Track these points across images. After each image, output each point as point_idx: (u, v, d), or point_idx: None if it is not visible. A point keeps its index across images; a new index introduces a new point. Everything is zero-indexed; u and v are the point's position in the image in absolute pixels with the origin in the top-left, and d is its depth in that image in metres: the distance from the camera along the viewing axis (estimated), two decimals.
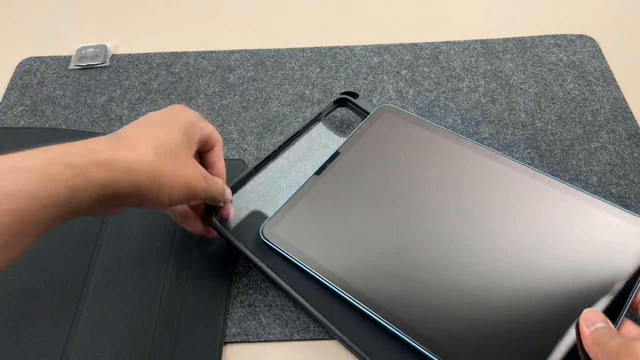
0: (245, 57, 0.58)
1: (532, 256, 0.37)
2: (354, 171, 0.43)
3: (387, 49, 0.58)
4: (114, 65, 0.58)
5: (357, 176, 0.43)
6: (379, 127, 0.46)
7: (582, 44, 0.58)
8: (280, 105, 0.54)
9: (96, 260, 0.42)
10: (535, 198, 0.40)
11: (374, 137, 0.45)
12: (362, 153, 0.44)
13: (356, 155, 0.44)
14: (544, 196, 0.40)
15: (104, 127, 0.52)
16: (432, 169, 0.43)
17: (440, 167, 0.43)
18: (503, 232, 0.39)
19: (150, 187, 0.31)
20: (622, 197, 0.46)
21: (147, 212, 0.44)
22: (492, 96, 0.54)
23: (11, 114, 0.53)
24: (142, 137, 0.32)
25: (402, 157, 0.44)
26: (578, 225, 0.38)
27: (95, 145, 0.30)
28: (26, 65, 0.58)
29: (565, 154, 0.49)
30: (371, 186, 0.42)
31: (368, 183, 0.42)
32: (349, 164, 0.44)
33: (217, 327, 0.39)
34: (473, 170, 0.42)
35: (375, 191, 0.42)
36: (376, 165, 0.44)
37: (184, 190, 0.33)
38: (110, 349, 0.37)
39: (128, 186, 0.30)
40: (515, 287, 0.36)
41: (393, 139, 0.45)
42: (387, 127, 0.46)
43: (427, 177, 0.42)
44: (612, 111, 0.52)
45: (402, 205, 0.41)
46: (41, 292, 0.40)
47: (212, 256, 0.42)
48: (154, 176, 0.31)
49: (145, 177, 0.31)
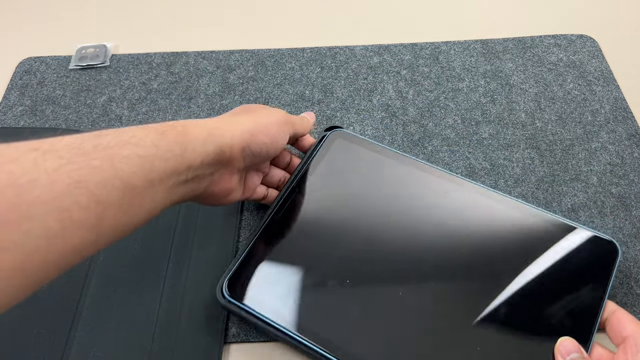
0: (245, 57, 0.58)
1: (493, 284, 0.37)
2: (314, 206, 0.42)
3: (387, 49, 0.58)
4: (114, 65, 0.58)
5: (312, 212, 0.42)
6: (332, 157, 0.45)
7: (582, 44, 0.58)
8: (280, 105, 0.53)
9: (96, 260, 0.42)
10: (489, 219, 0.40)
11: (328, 166, 0.44)
12: (320, 184, 0.43)
13: (314, 188, 0.43)
14: (499, 217, 0.40)
15: (104, 127, 0.52)
16: (393, 197, 0.42)
17: (400, 196, 0.42)
18: (457, 260, 0.38)
19: (255, 130, 0.36)
20: (622, 197, 0.46)
21: None
22: (492, 96, 0.54)
23: (11, 114, 0.53)
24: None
25: (354, 187, 0.43)
26: (539, 248, 0.38)
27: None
28: (26, 65, 0.58)
29: (565, 154, 0.49)
30: (324, 222, 0.41)
31: (322, 218, 0.41)
32: (308, 199, 0.42)
33: (217, 326, 0.39)
34: (424, 195, 0.42)
35: (328, 227, 0.41)
36: (336, 196, 0.42)
37: (282, 126, 0.39)
38: (110, 348, 0.37)
39: (229, 139, 0.34)
40: (478, 319, 0.35)
41: (344, 166, 0.44)
42: (338, 154, 0.45)
43: (387, 205, 0.42)
44: (612, 111, 0.52)
45: (357, 238, 0.40)
46: (41, 292, 0.40)
47: (212, 255, 0.42)
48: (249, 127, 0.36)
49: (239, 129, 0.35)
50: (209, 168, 0.33)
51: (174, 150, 0.30)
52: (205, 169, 0.33)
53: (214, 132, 0.33)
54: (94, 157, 0.26)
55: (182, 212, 0.45)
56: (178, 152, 0.30)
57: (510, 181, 0.47)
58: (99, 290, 0.40)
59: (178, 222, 0.44)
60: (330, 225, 0.41)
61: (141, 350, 0.37)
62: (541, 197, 0.46)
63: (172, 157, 0.30)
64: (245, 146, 0.35)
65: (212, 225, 0.44)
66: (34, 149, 0.25)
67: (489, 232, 0.39)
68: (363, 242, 0.40)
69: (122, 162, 0.27)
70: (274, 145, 0.38)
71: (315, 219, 0.41)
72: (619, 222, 0.45)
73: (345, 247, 0.40)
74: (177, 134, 0.31)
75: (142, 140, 0.29)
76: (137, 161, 0.28)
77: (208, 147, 0.32)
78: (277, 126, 0.38)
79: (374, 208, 0.41)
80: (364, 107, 0.53)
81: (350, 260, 0.39)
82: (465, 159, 0.49)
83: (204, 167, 0.33)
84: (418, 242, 0.39)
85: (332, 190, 0.43)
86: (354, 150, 0.45)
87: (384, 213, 0.41)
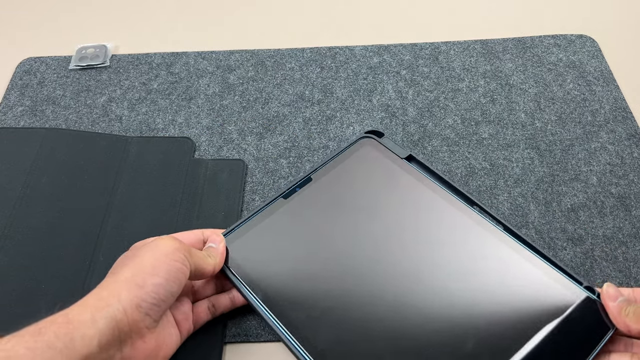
0: (245, 57, 0.58)
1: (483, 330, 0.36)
2: (320, 203, 0.42)
3: (387, 49, 0.58)
4: (114, 66, 0.58)
5: (322, 209, 0.42)
6: (356, 161, 0.45)
7: (582, 44, 0.58)
8: (280, 106, 0.54)
9: (96, 260, 0.42)
10: (496, 271, 0.38)
11: (348, 169, 0.44)
12: (333, 185, 0.43)
13: (327, 186, 0.43)
14: (507, 270, 0.38)
15: (104, 127, 0.52)
16: (398, 217, 0.41)
17: (406, 217, 0.41)
18: (453, 289, 0.37)
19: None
20: (622, 197, 0.46)
21: (146, 212, 0.44)
22: (491, 96, 0.54)
23: (11, 114, 0.53)
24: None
25: (371, 198, 0.43)
26: (541, 308, 0.36)
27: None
28: (26, 65, 0.58)
29: (565, 154, 0.49)
30: (332, 222, 0.41)
31: (330, 218, 0.41)
32: (318, 193, 0.43)
33: (217, 323, 0.39)
34: (436, 222, 0.41)
35: (335, 229, 0.41)
36: (344, 201, 0.42)
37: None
38: None
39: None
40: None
41: (366, 175, 0.44)
42: (363, 162, 0.45)
43: (389, 224, 0.41)
44: (611, 111, 0.52)
45: (358, 248, 0.40)
46: (41, 292, 0.40)
47: None
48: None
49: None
50: (112, 346, 0.30)
51: (55, 346, 0.27)
52: (108, 350, 0.29)
53: (99, 305, 0.30)
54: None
55: (181, 211, 0.45)
56: (61, 346, 0.27)
57: (510, 181, 0.47)
58: None
59: (178, 220, 0.44)
60: (328, 227, 0.41)
61: None
62: (541, 197, 0.46)
63: (55, 354, 0.27)
64: (140, 301, 0.31)
65: (212, 224, 0.44)
66: None
67: (492, 286, 0.37)
68: (355, 253, 0.39)
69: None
70: (172, 282, 0.32)
71: (317, 214, 0.42)
72: (618, 222, 0.45)
73: (336, 252, 0.40)
74: (58, 327, 0.28)
75: (12, 351, 0.26)
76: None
77: (99, 324, 0.29)
78: (166, 258, 0.32)
79: (374, 224, 0.41)
80: (364, 107, 0.53)
81: (338, 266, 0.39)
82: (465, 159, 0.49)
83: (105, 347, 0.29)
84: (409, 272, 0.38)
85: (342, 194, 0.43)
86: (379, 161, 0.45)
87: (383, 233, 0.41)
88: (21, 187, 0.46)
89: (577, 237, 0.44)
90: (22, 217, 0.44)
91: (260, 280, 0.38)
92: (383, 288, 0.38)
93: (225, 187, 0.46)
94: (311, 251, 0.40)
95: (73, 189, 0.46)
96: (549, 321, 0.35)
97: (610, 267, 0.42)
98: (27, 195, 0.45)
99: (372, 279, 0.38)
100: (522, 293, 0.37)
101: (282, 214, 0.42)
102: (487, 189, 0.47)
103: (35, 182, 0.46)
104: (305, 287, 0.38)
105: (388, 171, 0.44)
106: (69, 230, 0.43)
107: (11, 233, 0.43)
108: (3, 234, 0.43)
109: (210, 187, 0.47)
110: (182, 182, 0.47)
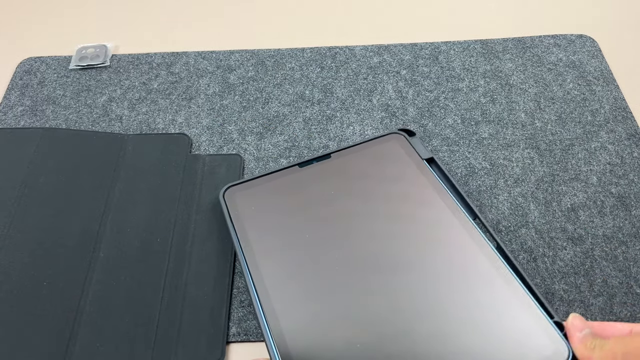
0: (245, 57, 0.58)
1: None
2: (331, 181, 0.43)
3: (387, 49, 0.58)
4: (114, 65, 0.58)
5: (330, 187, 0.43)
6: (378, 152, 0.45)
7: (582, 44, 0.58)
8: (280, 105, 0.54)
9: (97, 257, 0.42)
10: (474, 282, 0.37)
11: (367, 158, 0.45)
12: (348, 168, 0.44)
13: (342, 167, 0.44)
14: (485, 284, 0.37)
15: (104, 127, 0.52)
16: (397, 217, 0.41)
17: (405, 217, 0.41)
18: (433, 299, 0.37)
19: None
20: (622, 197, 0.46)
21: (144, 208, 0.45)
22: (491, 96, 0.54)
23: (11, 114, 0.53)
24: None
25: (378, 191, 0.43)
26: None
27: None
28: (26, 65, 0.58)
29: (565, 153, 0.49)
30: (334, 203, 0.42)
31: (334, 198, 0.42)
32: (332, 172, 0.44)
33: (219, 320, 0.39)
34: (432, 229, 0.40)
35: (335, 209, 0.41)
36: (351, 186, 0.43)
37: None
38: (113, 343, 0.38)
39: None
40: None
41: (382, 167, 0.44)
42: (384, 154, 0.45)
43: (385, 220, 0.41)
44: (611, 111, 0.52)
45: (351, 234, 0.40)
46: (43, 290, 0.40)
47: (212, 251, 0.43)
48: None
49: None
50: None
51: None
52: None
53: None
54: None
55: (180, 206, 0.45)
56: None
57: (510, 181, 0.47)
58: (101, 286, 0.40)
59: (177, 219, 0.44)
60: (329, 206, 0.42)
61: (145, 343, 0.38)
62: (541, 196, 0.46)
63: None
64: None
65: (213, 221, 0.44)
66: None
67: (463, 312, 0.36)
68: (346, 238, 0.40)
69: None
70: None
71: (324, 190, 0.43)
72: (618, 222, 0.45)
73: (329, 232, 0.40)
74: None
75: None
76: None
77: None
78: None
79: (372, 217, 0.41)
80: (364, 107, 0.53)
81: (328, 246, 0.39)
82: (465, 158, 0.49)
83: None
84: (389, 272, 0.38)
85: (353, 179, 0.44)
86: (399, 158, 0.45)
87: (378, 226, 0.40)
88: (19, 187, 0.46)
89: (577, 237, 0.44)
90: (22, 217, 0.44)
91: (252, 231, 0.40)
92: (360, 279, 0.38)
93: (223, 182, 0.46)
94: (308, 223, 0.41)
95: (71, 187, 0.46)
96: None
97: (610, 267, 0.42)
98: (25, 195, 0.45)
99: (354, 268, 0.38)
100: (489, 319, 0.35)
101: (292, 180, 0.44)
102: (487, 189, 0.47)
103: (34, 182, 0.46)
104: (292, 255, 0.39)
105: (404, 169, 0.44)
106: (68, 229, 0.43)
107: (11, 232, 0.43)
108: (2, 233, 0.43)
109: (208, 182, 0.47)
110: (179, 178, 0.47)
